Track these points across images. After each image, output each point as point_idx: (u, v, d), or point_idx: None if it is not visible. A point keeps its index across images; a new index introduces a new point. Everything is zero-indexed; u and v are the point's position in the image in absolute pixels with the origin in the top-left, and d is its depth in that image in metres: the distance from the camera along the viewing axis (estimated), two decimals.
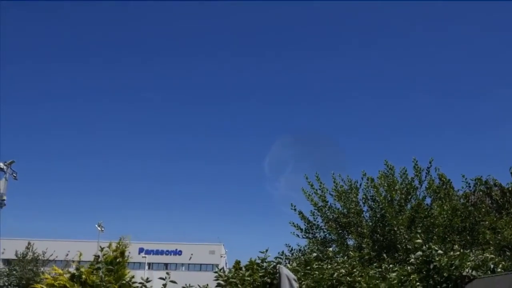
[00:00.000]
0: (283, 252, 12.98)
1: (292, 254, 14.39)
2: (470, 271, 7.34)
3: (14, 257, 46.24)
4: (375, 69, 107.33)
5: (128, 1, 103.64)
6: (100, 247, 8.51)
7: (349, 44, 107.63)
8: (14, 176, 32.95)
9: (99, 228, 56.95)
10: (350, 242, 14.89)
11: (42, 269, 44.08)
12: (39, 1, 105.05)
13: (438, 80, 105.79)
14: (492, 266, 7.54)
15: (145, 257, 69.67)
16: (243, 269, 8.78)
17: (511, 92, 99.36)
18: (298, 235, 15.43)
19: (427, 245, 7.89)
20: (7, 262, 56.50)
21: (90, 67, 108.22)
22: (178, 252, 77.30)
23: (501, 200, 15.13)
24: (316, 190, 15.39)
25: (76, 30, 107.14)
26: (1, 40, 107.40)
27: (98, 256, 8.40)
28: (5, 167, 31.52)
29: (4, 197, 31.17)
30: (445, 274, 7.66)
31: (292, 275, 6.70)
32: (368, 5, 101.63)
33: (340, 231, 14.94)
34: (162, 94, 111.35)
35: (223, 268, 9.93)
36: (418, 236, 9.10)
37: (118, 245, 8.60)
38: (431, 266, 7.53)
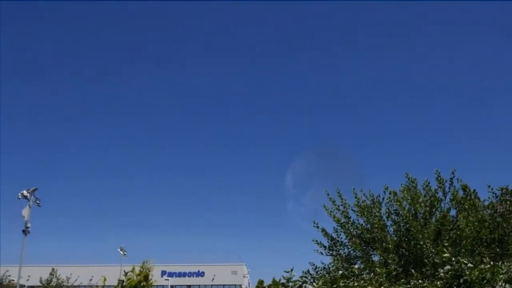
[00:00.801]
0: (308, 270, 12.78)
1: (317, 272, 14.13)
2: (503, 284, 7.08)
3: (39, 284, 46.60)
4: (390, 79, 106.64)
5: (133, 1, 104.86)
6: (124, 271, 8.49)
7: (366, 49, 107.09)
8: (37, 203, 33.41)
9: (121, 252, 57.14)
10: (375, 258, 14.59)
11: None
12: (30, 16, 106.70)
13: (460, 86, 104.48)
14: None
15: (168, 279, 69.51)
16: None
17: None
18: (322, 253, 15.17)
19: (455, 259, 7.65)
20: None
21: (112, 82, 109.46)
22: (200, 274, 76.94)
23: None
24: (338, 206, 15.16)
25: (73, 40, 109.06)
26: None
27: (122, 281, 8.39)
28: (28, 194, 31.99)
29: (29, 225, 31.56)
30: None
31: None
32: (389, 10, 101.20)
33: (364, 247, 14.65)
34: (184, 109, 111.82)
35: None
36: (445, 249, 8.85)
37: (142, 269, 8.59)
38: (461, 281, 7.29)
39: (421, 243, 12.98)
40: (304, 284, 7.74)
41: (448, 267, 7.62)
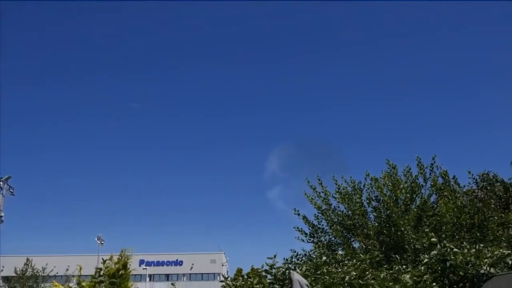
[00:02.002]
0: (291, 257, 12.66)
1: (298, 259, 14.05)
2: (487, 268, 7.05)
3: (14, 274, 45.65)
4: (372, 71, 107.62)
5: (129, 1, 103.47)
6: (102, 259, 8.21)
7: (348, 47, 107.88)
8: (11, 192, 32.56)
9: (98, 242, 56.41)
10: (356, 245, 14.59)
11: (42, 285, 43.56)
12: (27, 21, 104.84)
13: (435, 81, 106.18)
14: (510, 262, 7.25)
15: (146, 268, 69.07)
16: (245, 277, 8.49)
17: (502, 92, 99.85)
18: (303, 240, 15.10)
19: (442, 244, 7.59)
20: (6, 279, 55.79)
21: (85, 81, 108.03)
22: (179, 263, 76.66)
23: (504, 195, 14.90)
24: (319, 193, 15.08)
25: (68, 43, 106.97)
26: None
27: (100, 269, 8.11)
28: (1, 182, 31.12)
29: (2, 213, 30.75)
30: (461, 273, 7.38)
31: (304, 280, 6.41)
32: (368, 5, 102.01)
33: (345, 234, 14.63)
34: (153, 105, 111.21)
35: (229, 276, 9.62)
36: (430, 234, 8.81)
37: (120, 257, 8.31)
38: (448, 265, 7.23)
39: (402, 229, 13.01)
40: (289, 270, 7.59)
41: (434, 252, 7.56)
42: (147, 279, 69.18)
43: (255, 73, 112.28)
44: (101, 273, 8.10)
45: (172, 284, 7.52)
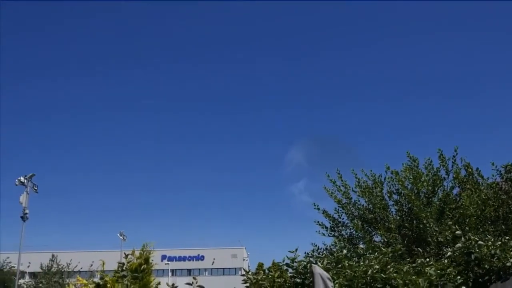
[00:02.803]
0: (312, 251, 12.61)
1: (319, 253, 13.99)
2: None
3: (40, 270, 46.65)
4: (396, 68, 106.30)
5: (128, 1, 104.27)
6: (125, 253, 8.29)
7: (363, 45, 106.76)
8: (35, 189, 33.18)
9: (121, 237, 57.23)
10: (377, 239, 14.44)
11: (67, 280, 44.36)
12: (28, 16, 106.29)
13: (457, 78, 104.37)
14: None
15: (168, 263, 69.75)
16: (266, 271, 8.48)
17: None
18: (323, 234, 15.03)
19: (467, 236, 7.45)
20: (33, 275, 57.06)
21: (109, 78, 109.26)
22: (200, 258, 77.28)
23: None
24: (339, 187, 14.97)
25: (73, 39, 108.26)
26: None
27: (123, 264, 8.19)
28: (25, 180, 31.74)
29: (27, 211, 31.38)
30: (486, 266, 7.24)
31: (326, 274, 6.38)
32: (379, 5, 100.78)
33: (366, 228, 14.50)
34: (177, 102, 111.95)
35: (250, 270, 9.63)
36: (454, 227, 8.66)
37: (142, 252, 8.38)
38: (472, 257, 7.10)
39: (424, 222, 12.82)
40: (311, 264, 7.54)
41: (459, 244, 7.42)
42: (169, 274, 69.88)
43: (277, 70, 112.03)
44: (124, 268, 8.18)
45: (194, 278, 7.55)
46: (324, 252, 14.20)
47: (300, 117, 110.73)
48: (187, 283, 7.67)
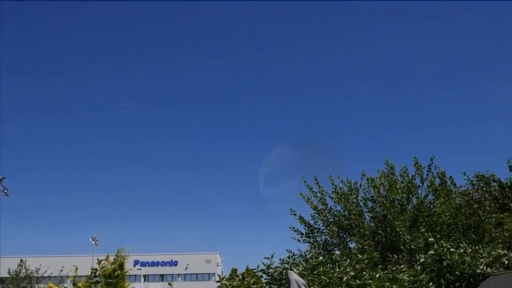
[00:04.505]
0: (288, 257, 12.63)
1: (294, 259, 14.03)
2: (484, 268, 7.06)
3: (7, 275, 45.37)
4: (368, 66, 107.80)
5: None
6: (98, 259, 8.15)
7: (342, 38, 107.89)
8: (5, 192, 32.37)
9: (93, 242, 56.21)
10: (352, 245, 14.58)
11: (36, 286, 43.29)
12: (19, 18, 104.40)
13: (432, 76, 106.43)
14: (506, 262, 7.27)
15: (141, 269, 68.82)
16: (240, 276, 8.47)
17: (501, 86, 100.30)
18: (299, 240, 15.08)
19: (439, 243, 7.60)
20: (0, 280, 55.47)
21: (79, 76, 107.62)
22: (173, 263, 76.50)
23: (500, 196, 14.87)
24: (316, 193, 15.07)
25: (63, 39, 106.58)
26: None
27: (96, 270, 8.05)
28: None
29: None
30: (457, 273, 7.39)
31: (301, 280, 6.40)
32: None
33: (341, 234, 14.62)
34: (151, 100, 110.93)
35: (224, 276, 9.58)
36: (427, 234, 8.82)
37: (117, 257, 8.25)
38: (444, 264, 7.24)
39: (398, 229, 13.02)
40: (287, 270, 7.57)
41: (431, 251, 7.57)
42: (142, 279, 68.96)
43: (253, 72, 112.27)
44: (97, 273, 8.04)
45: (169, 284, 7.48)
46: (299, 258, 14.24)
47: (279, 119, 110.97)
48: None
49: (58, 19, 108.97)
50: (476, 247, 8.06)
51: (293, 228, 15.28)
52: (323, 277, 8.10)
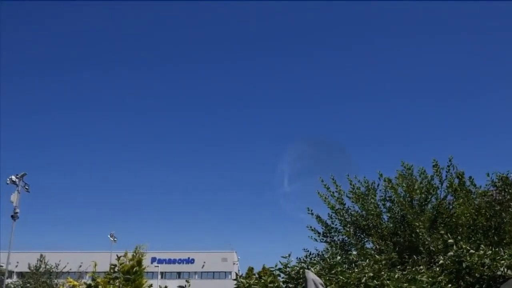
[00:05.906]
0: (305, 256, 12.60)
1: (311, 258, 13.98)
2: (504, 270, 6.94)
3: (28, 270, 46.21)
4: (384, 71, 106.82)
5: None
6: (117, 255, 8.26)
7: (360, 45, 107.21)
8: (26, 188, 32.93)
9: (111, 239, 56.86)
10: (369, 245, 14.45)
11: (55, 281, 44.01)
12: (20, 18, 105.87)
13: (449, 82, 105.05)
14: None
15: (158, 266, 69.38)
16: (256, 275, 8.48)
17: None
18: (316, 239, 15.01)
19: (458, 245, 7.50)
20: (20, 275, 56.54)
21: (95, 77, 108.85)
22: (190, 261, 76.97)
23: None
24: (333, 192, 14.97)
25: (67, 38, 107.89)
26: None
27: (115, 266, 8.15)
28: (17, 179, 31.50)
29: (17, 210, 31.12)
30: (477, 275, 7.28)
31: (318, 280, 6.38)
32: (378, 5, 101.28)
33: (358, 234, 14.51)
34: (171, 102, 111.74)
35: (242, 275, 9.63)
36: (445, 236, 8.70)
37: (135, 254, 8.35)
38: (464, 266, 7.14)
39: (417, 230, 12.86)
40: (303, 269, 7.55)
41: (450, 253, 7.47)
42: (159, 276, 69.53)
43: (270, 71, 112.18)
44: (116, 269, 8.15)
45: (187, 281, 7.53)
46: (316, 258, 14.18)
47: (295, 119, 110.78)
48: (180, 286, 7.66)
49: (58, 19, 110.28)
50: (497, 249, 7.92)
51: (310, 227, 15.23)
52: (341, 277, 8.06)
